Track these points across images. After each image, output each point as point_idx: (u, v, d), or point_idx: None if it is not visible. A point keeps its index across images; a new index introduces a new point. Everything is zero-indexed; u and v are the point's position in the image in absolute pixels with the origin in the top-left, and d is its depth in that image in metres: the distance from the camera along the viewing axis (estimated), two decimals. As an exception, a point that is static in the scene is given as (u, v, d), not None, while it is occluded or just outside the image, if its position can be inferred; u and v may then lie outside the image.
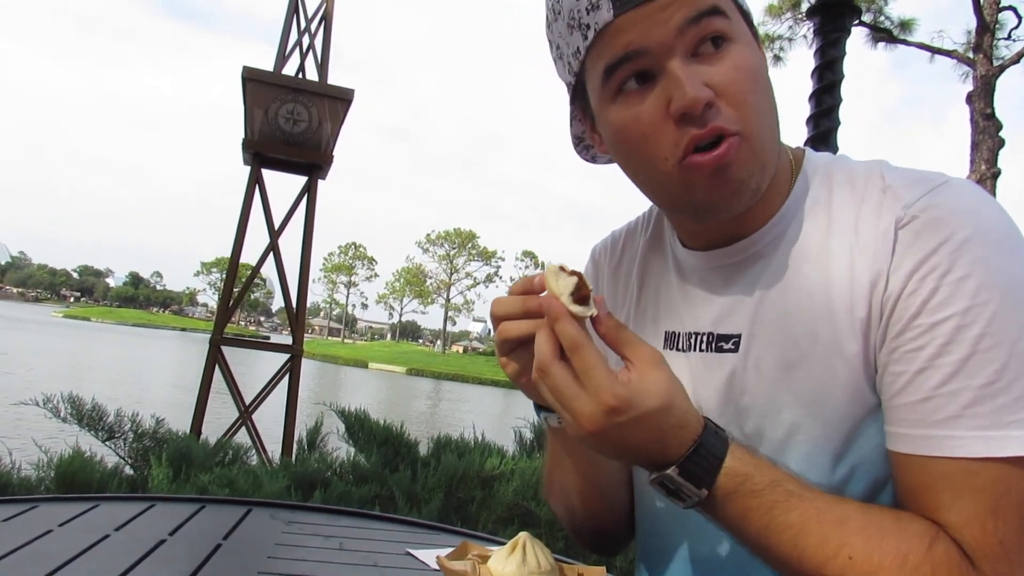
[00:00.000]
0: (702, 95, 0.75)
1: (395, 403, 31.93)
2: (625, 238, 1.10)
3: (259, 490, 2.97)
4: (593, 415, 0.72)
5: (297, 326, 8.35)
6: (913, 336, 0.74)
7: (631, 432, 0.73)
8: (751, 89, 0.78)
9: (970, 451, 0.71)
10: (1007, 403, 0.70)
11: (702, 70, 0.77)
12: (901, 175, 0.82)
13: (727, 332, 0.89)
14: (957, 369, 0.71)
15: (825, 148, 3.17)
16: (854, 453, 0.81)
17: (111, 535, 1.34)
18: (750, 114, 0.78)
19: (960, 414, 0.71)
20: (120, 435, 3.70)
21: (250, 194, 8.14)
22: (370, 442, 3.68)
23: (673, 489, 0.76)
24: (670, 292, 0.99)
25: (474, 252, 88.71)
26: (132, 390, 22.17)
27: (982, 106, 11.22)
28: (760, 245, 0.88)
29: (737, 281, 0.90)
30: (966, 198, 0.77)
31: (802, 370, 0.82)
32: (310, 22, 8.87)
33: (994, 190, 10.78)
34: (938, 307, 0.73)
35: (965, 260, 0.73)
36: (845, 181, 0.85)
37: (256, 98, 7.96)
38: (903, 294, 0.75)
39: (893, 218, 0.78)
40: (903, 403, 0.75)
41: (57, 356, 36.17)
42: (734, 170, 0.79)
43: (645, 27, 0.76)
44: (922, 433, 0.73)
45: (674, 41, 0.76)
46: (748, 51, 0.80)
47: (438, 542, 1.51)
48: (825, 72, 3.20)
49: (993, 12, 11.66)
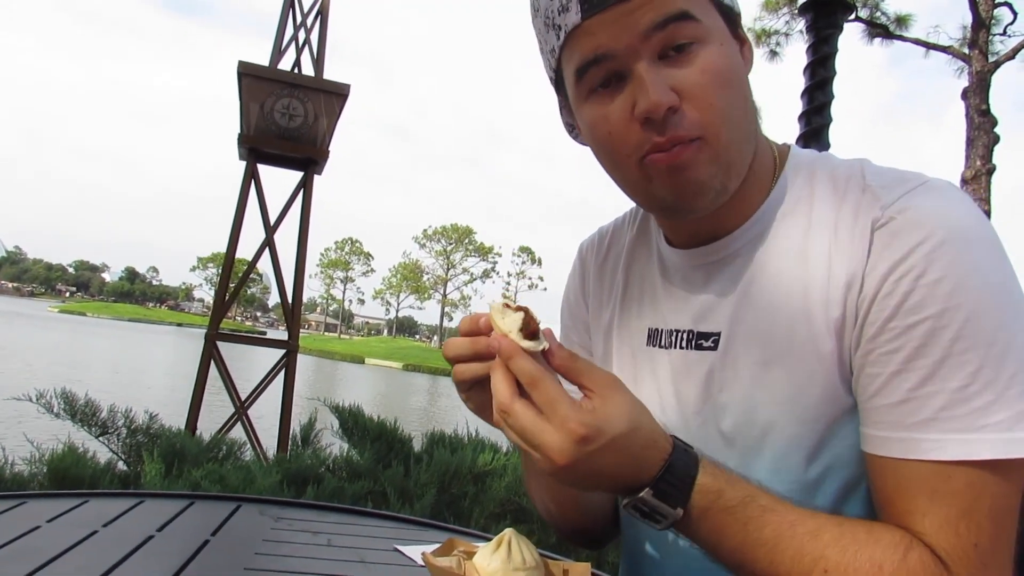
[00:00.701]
0: (664, 100, 0.76)
1: (391, 399, 31.93)
2: (612, 235, 1.10)
3: (251, 486, 2.98)
4: (563, 447, 0.70)
5: (293, 322, 8.35)
6: (888, 338, 0.74)
7: (603, 458, 0.71)
8: (717, 92, 0.78)
9: (945, 454, 0.71)
10: (981, 406, 0.70)
11: (669, 73, 0.77)
12: (881, 175, 0.82)
13: (707, 330, 0.90)
14: (932, 372, 0.72)
15: (817, 145, 3.18)
16: (828, 453, 0.81)
17: (99, 531, 1.34)
18: (714, 117, 0.78)
19: (935, 417, 0.71)
20: (113, 431, 3.70)
21: (246, 189, 8.13)
22: (364, 438, 3.69)
23: (648, 512, 0.75)
24: (654, 289, 0.99)
25: (471, 248, 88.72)
26: (127, 385, 22.15)
27: (977, 102, 11.22)
28: (740, 243, 0.89)
29: (718, 279, 0.90)
30: (943, 200, 0.77)
31: (779, 369, 0.82)
32: (306, 17, 8.86)
33: (989, 186, 10.80)
34: (913, 309, 0.73)
35: (940, 263, 0.72)
36: (827, 179, 0.85)
37: (252, 93, 7.95)
38: (878, 296, 0.75)
39: (870, 218, 0.78)
40: (879, 405, 0.75)
41: (52, 351, 36.11)
42: (691, 172, 0.79)
43: (612, 30, 0.77)
44: (898, 436, 0.73)
45: (641, 45, 0.77)
46: (719, 52, 0.79)
47: (427, 538, 1.52)
48: (817, 69, 3.20)
49: (989, 8, 11.66)
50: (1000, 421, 0.70)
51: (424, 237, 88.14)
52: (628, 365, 1.00)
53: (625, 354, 1.01)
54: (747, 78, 0.84)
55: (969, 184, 10.87)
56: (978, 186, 10.81)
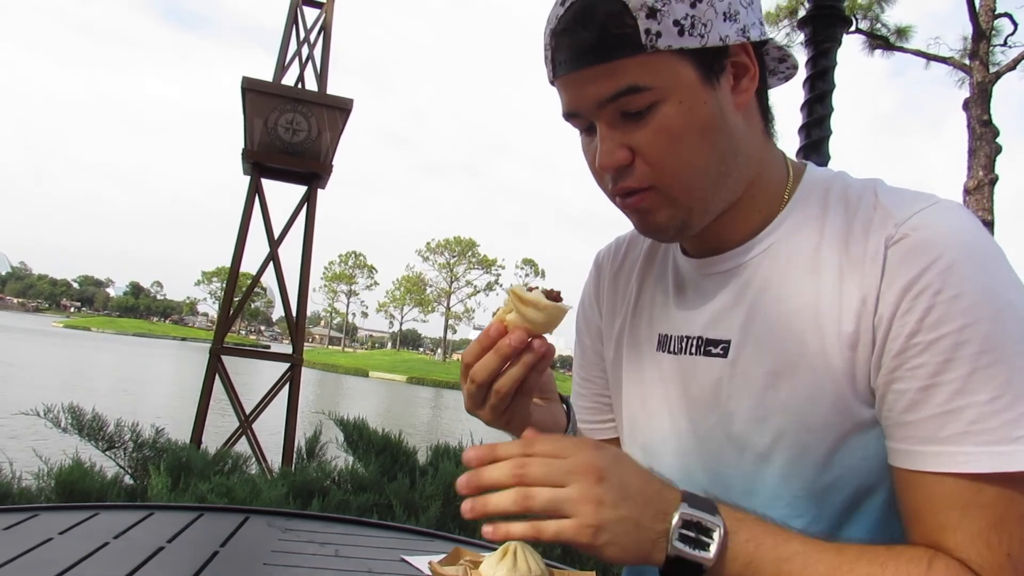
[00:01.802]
0: (611, 162, 0.85)
1: (395, 412, 31.86)
2: (628, 243, 1.14)
3: (257, 499, 2.99)
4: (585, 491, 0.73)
5: (297, 335, 8.36)
6: (913, 354, 0.76)
7: (625, 476, 0.75)
8: (669, 149, 0.83)
9: (980, 466, 0.72)
10: (1013, 418, 0.71)
11: (626, 131, 0.84)
12: (893, 194, 0.84)
13: (716, 337, 0.92)
14: (961, 386, 0.73)
15: (817, 157, 3.19)
16: (839, 463, 0.83)
17: (110, 543, 1.36)
18: (664, 171, 0.84)
19: (967, 430, 0.72)
20: (120, 445, 3.72)
21: (250, 204, 8.16)
22: (368, 451, 3.70)
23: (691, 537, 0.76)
24: (666, 296, 1.02)
25: (474, 260, 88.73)
26: (132, 400, 22.16)
27: (979, 112, 11.25)
28: (752, 254, 0.91)
29: (729, 288, 0.92)
30: (954, 219, 0.79)
31: (789, 379, 0.84)
32: (309, 32, 8.91)
33: (992, 196, 10.81)
34: (934, 325, 0.74)
35: (955, 279, 0.74)
36: (840, 197, 0.88)
37: (255, 108, 7.99)
38: (897, 313, 0.77)
39: (883, 236, 0.80)
40: (909, 420, 0.76)
41: (58, 366, 36.15)
42: (649, 216, 0.88)
43: (575, 94, 0.85)
44: (931, 450, 0.74)
45: (597, 111, 0.84)
46: (675, 111, 0.82)
47: (433, 548, 1.53)
48: (817, 82, 3.23)
49: (989, 19, 11.70)
50: None
51: (427, 250, 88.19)
52: (637, 370, 1.02)
53: (634, 359, 1.03)
54: (725, 115, 0.85)
55: (972, 194, 10.88)
56: (981, 196, 10.81)
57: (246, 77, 7.98)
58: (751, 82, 0.87)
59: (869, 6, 13.02)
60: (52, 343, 61.73)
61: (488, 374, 0.85)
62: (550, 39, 0.85)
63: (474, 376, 0.86)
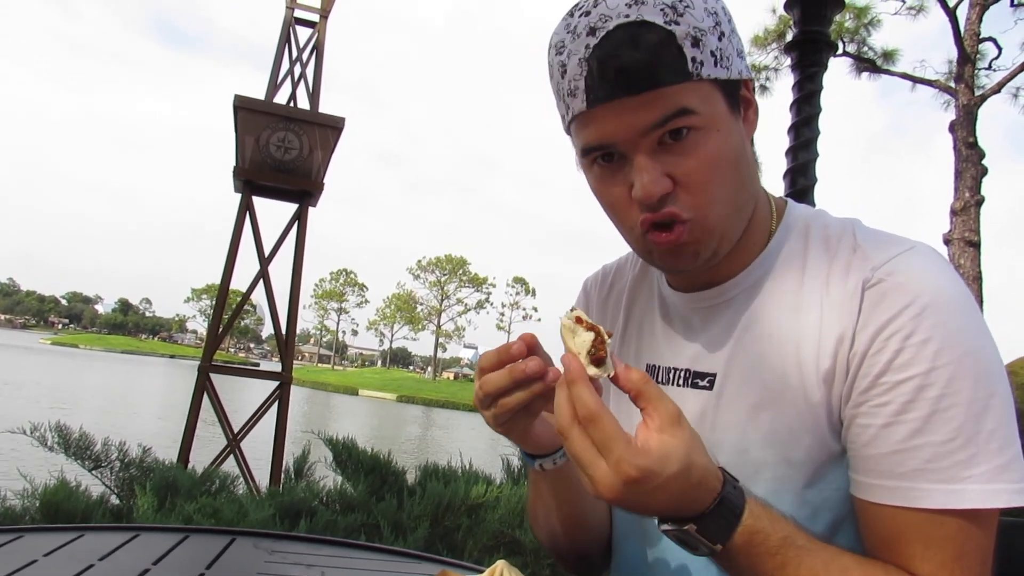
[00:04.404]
0: (657, 190, 0.82)
1: (384, 430, 31.74)
2: (615, 272, 1.16)
3: (244, 519, 2.97)
4: (613, 484, 0.73)
5: (286, 353, 8.34)
6: (879, 392, 0.79)
7: (653, 496, 0.74)
8: (711, 178, 0.83)
9: (934, 503, 0.76)
10: (964, 459, 0.76)
11: (666, 160, 0.83)
12: (871, 237, 0.88)
13: (703, 370, 0.95)
14: (920, 427, 0.77)
15: (804, 180, 3.23)
16: (816, 495, 0.86)
17: (95, 565, 1.35)
18: (707, 200, 0.84)
19: (923, 468, 0.77)
20: (107, 464, 3.69)
21: (240, 221, 8.16)
22: (357, 471, 3.68)
23: (687, 540, 0.78)
24: (653, 327, 1.04)
25: (465, 278, 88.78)
26: (119, 418, 21.98)
27: (965, 135, 11.40)
28: (737, 290, 0.94)
29: (715, 323, 0.95)
30: (929, 265, 0.83)
31: (770, 412, 0.87)
32: (302, 51, 8.97)
33: (978, 217, 10.92)
34: (902, 367, 0.78)
35: (926, 324, 0.78)
36: (820, 237, 0.91)
37: (247, 126, 8.01)
38: (869, 352, 0.81)
39: (861, 278, 0.83)
40: (871, 454, 0.80)
41: (44, 383, 35.86)
42: (687, 248, 0.86)
43: (616, 123, 0.82)
44: (890, 484, 0.79)
45: (641, 139, 0.82)
46: (716, 140, 0.83)
47: (420, 571, 1.53)
48: (803, 106, 3.28)
49: (974, 43, 11.88)
50: (982, 473, 0.75)
51: (418, 268, 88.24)
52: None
53: None
54: (745, 147, 0.89)
55: (958, 215, 10.98)
56: (967, 217, 10.92)
57: (238, 95, 8.01)
58: (755, 115, 0.91)
59: (856, 29, 13.22)
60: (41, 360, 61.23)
61: (496, 389, 0.85)
62: (583, 67, 0.81)
63: (483, 385, 0.86)
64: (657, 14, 0.79)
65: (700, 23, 0.80)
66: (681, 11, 0.79)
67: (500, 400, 0.86)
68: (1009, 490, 0.75)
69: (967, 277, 10.55)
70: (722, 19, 0.84)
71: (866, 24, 13.13)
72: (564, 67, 0.83)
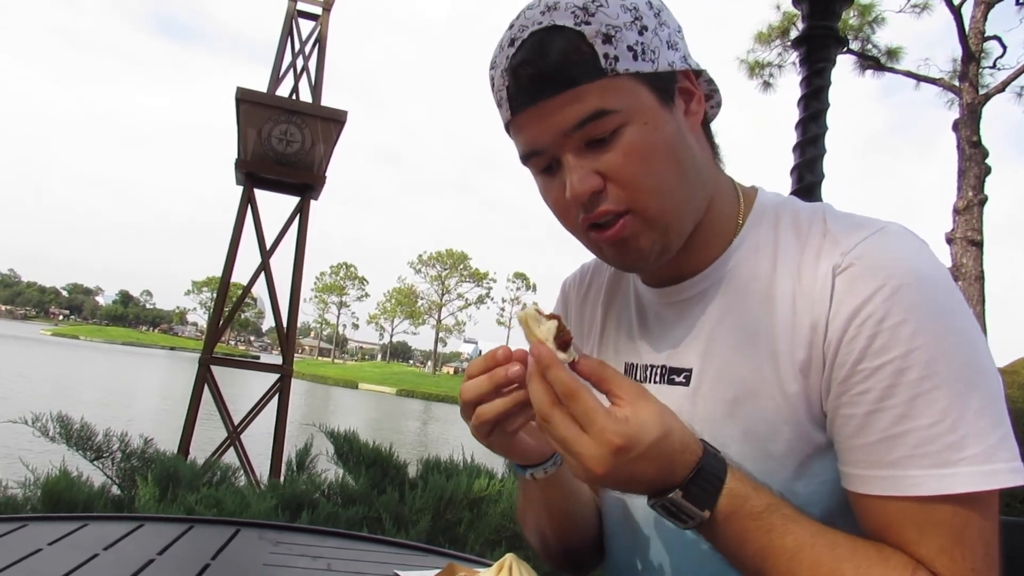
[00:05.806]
0: (586, 188, 0.83)
1: (385, 424, 31.77)
2: (593, 271, 1.16)
3: (246, 511, 2.97)
4: (601, 457, 0.73)
5: (287, 346, 8.33)
6: (858, 380, 0.78)
7: (638, 465, 0.74)
8: (640, 171, 0.83)
9: (925, 489, 0.74)
10: (953, 442, 0.74)
11: (594, 158, 0.83)
12: (841, 221, 0.87)
13: (678, 366, 0.94)
14: (904, 411, 0.75)
15: (811, 176, 3.22)
16: (801, 489, 0.85)
17: (100, 554, 1.34)
18: (639, 193, 0.84)
19: (911, 454, 0.75)
20: (108, 455, 3.68)
21: (242, 214, 8.15)
22: (359, 463, 3.68)
23: (675, 511, 0.78)
24: (630, 325, 1.04)
25: (466, 273, 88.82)
26: (120, 409, 22.00)
27: (968, 133, 11.36)
28: (708, 283, 0.93)
29: (688, 317, 0.94)
30: (900, 245, 0.81)
31: (748, 406, 0.86)
32: (304, 44, 8.94)
33: (981, 216, 10.89)
34: (878, 352, 0.77)
35: (900, 306, 0.76)
36: (790, 224, 0.90)
37: (249, 119, 7.99)
38: (843, 340, 0.79)
39: (831, 264, 0.82)
40: (856, 445, 0.79)
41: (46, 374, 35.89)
42: (631, 242, 0.86)
43: (538, 127, 0.84)
44: (879, 474, 0.77)
45: (566, 140, 0.83)
46: (642, 132, 0.83)
47: (426, 563, 1.52)
48: (811, 101, 3.26)
49: (978, 41, 11.84)
50: (975, 455, 0.73)
51: (419, 262, 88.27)
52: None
53: None
54: (685, 138, 0.88)
55: (961, 214, 10.96)
56: (970, 216, 10.90)
57: (240, 88, 7.99)
58: (699, 105, 0.90)
59: (860, 27, 13.18)
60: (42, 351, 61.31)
61: (475, 396, 0.84)
62: (504, 78, 0.84)
63: (462, 393, 0.86)
64: (568, 17, 0.80)
65: (614, 20, 0.81)
66: (593, 11, 0.81)
67: (477, 411, 0.85)
68: (1004, 470, 0.73)
69: (970, 276, 10.54)
70: (644, 13, 0.84)
71: (870, 21, 13.09)
72: (493, 80, 0.87)
